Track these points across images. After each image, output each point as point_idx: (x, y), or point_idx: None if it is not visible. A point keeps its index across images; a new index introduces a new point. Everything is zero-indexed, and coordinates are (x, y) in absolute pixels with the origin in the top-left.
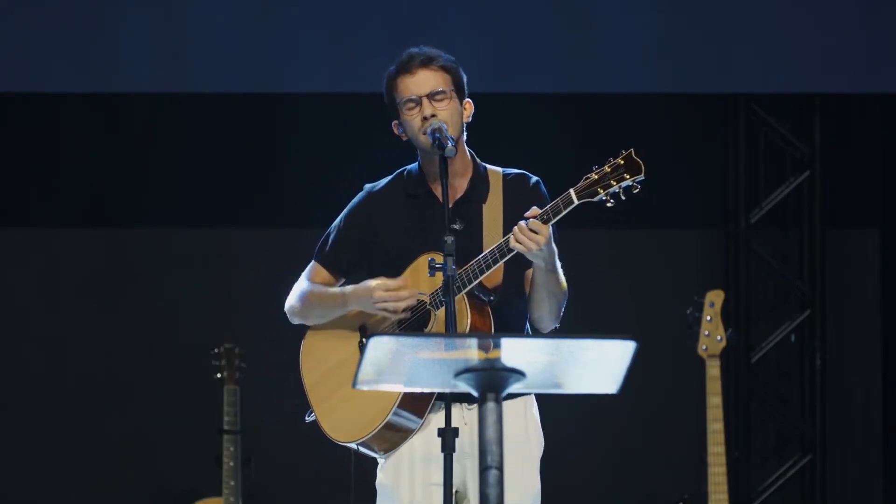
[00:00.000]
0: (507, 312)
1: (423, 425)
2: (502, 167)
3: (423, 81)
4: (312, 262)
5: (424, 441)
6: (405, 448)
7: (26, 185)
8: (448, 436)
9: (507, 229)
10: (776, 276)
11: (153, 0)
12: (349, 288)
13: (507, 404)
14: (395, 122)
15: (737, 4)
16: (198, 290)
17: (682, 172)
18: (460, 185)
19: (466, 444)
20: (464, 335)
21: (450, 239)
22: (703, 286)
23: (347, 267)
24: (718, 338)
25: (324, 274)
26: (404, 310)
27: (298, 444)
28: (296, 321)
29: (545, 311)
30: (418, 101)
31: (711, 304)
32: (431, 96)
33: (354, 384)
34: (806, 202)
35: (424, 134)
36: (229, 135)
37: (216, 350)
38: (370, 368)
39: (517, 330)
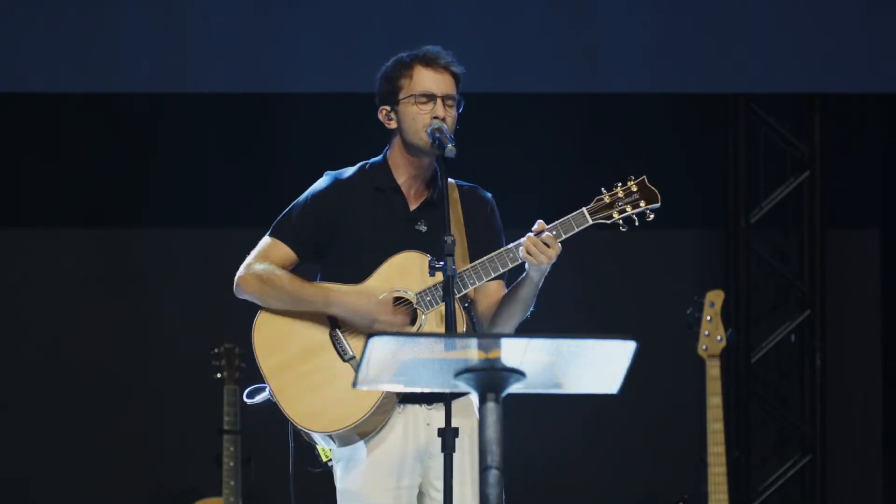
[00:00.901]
0: (475, 320)
1: (384, 427)
2: (455, 179)
3: (443, 82)
4: (269, 238)
5: (390, 444)
6: (370, 452)
7: (26, 185)
8: (448, 436)
9: (470, 238)
10: (776, 276)
11: (153, 0)
12: (336, 290)
13: (460, 402)
14: (387, 108)
15: (737, 4)
16: (198, 290)
17: (682, 172)
18: (424, 188)
19: (432, 444)
20: (464, 335)
21: (450, 238)
22: (703, 286)
23: (310, 248)
24: (718, 338)
25: (284, 252)
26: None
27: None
28: (243, 297)
29: (511, 323)
30: (432, 99)
31: (711, 304)
32: (445, 99)
33: (355, 384)
34: (806, 202)
35: (424, 132)
36: (229, 135)
37: (216, 350)
38: (370, 368)
39: None
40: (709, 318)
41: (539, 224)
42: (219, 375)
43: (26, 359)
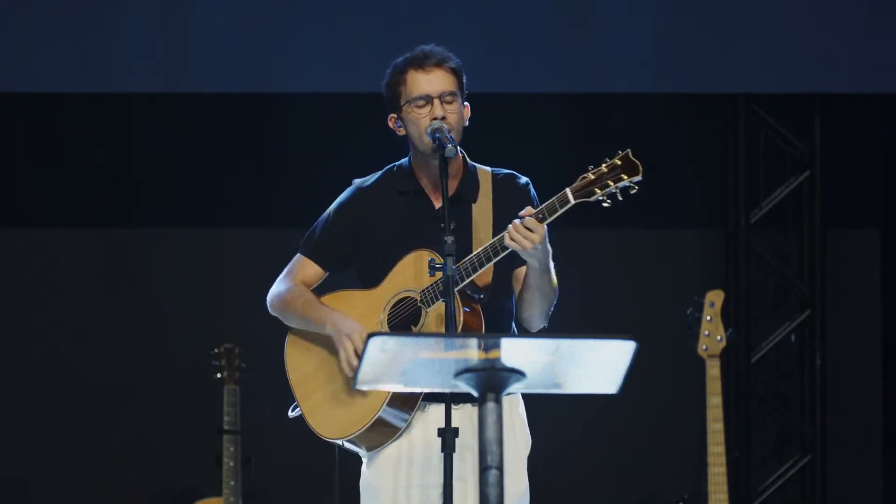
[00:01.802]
0: (497, 311)
1: (409, 425)
2: (492, 167)
3: (436, 81)
4: (298, 255)
5: (411, 442)
6: (391, 449)
7: (26, 185)
8: (448, 436)
9: (497, 229)
10: (776, 276)
11: (153, 0)
12: (335, 315)
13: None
14: (394, 115)
15: (737, 4)
16: (198, 290)
17: (682, 172)
18: (451, 184)
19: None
20: (464, 335)
21: (449, 239)
22: (703, 286)
23: (337, 261)
24: (718, 338)
25: (312, 267)
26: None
27: (298, 444)
28: (274, 314)
29: (536, 311)
30: (429, 100)
31: (711, 304)
32: (442, 97)
33: (354, 384)
34: (806, 202)
35: (426, 134)
36: (229, 135)
37: (216, 350)
38: (370, 368)
39: (504, 329)
40: (709, 318)
41: (526, 210)
42: (219, 375)
43: (26, 359)
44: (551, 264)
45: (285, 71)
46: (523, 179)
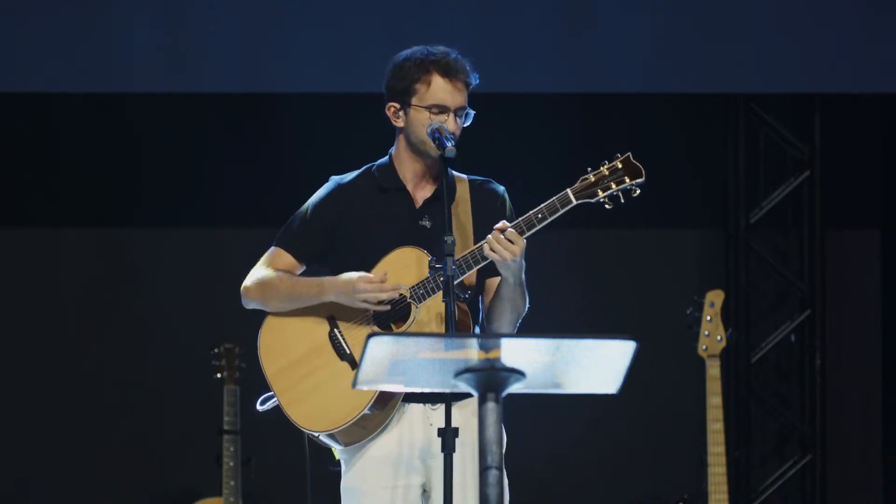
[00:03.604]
0: (477, 311)
1: (387, 426)
2: (466, 174)
3: (458, 95)
4: (273, 247)
5: (391, 442)
6: (372, 449)
7: (26, 185)
8: (448, 436)
9: (477, 231)
10: (776, 276)
11: (153, 0)
12: (327, 278)
13: (468, 402)
14: (396, 105)
15: (737, 4)
16: (198, 290)
17: (681, 172)
18: (431, 185)
19: (434, 444)
20: (464, 335)
21: (450, 238)
22: (703, 286)
23: (313, 255)
24: (718, 338)
25: (287, 260)
26: (385, 302)
27: (298, 444)
28: (251, 306)
29: (504, 322)
30: (445, 111)
31: (711, 304)
32: (458, 112)
33: (354, 384)
34: (806, 202)
35: (426, 133)
36: (229, 135)
37: (216, 350)
38: (370, 368)
39: (481, 328)
40: (709, 318)
41: (503, 223)
42: (219, 375)
43: (26, 359)
44: (524, 278)
45: (285, 71)
46: (501, 187)
